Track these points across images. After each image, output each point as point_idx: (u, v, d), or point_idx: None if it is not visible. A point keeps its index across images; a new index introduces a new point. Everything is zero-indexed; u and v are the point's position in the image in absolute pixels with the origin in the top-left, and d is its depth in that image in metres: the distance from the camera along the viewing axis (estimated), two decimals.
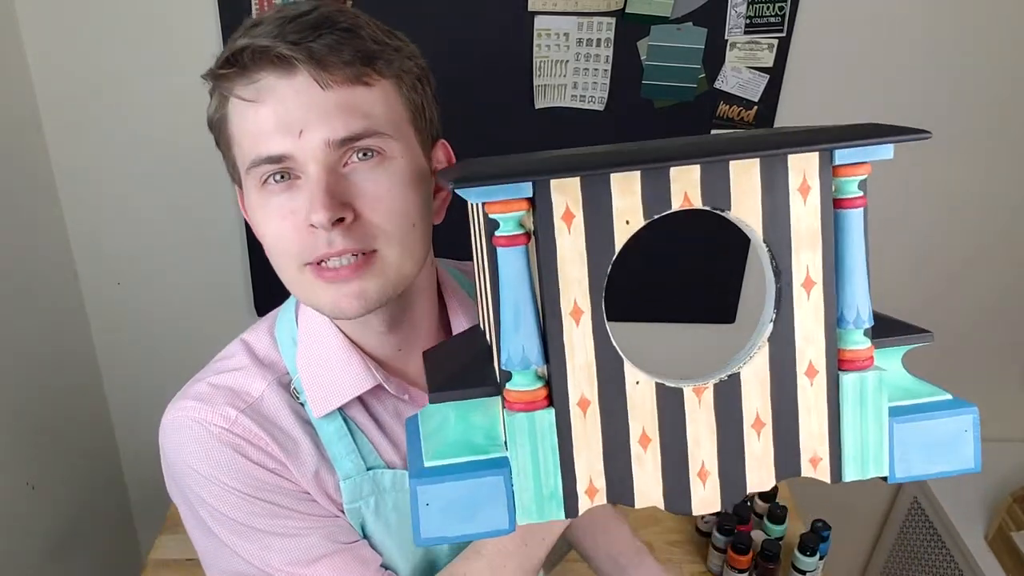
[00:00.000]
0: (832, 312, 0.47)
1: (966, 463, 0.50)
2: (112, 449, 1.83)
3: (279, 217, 0.64)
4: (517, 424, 0.46)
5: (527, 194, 0.43)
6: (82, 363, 1.72)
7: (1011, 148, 1.62)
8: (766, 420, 0.48)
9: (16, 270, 1.47)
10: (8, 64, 1.44)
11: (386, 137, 0.64)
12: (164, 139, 1.55)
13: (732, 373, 0.47)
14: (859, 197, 0.46)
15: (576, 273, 0.45)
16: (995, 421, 1.90)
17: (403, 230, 0.65)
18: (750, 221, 0.46)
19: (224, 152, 0.69)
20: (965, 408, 0.50)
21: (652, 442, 0.47)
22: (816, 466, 0.49)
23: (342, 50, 0.61)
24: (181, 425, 0.71)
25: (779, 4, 1.46)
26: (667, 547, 1.57)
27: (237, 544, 0.71)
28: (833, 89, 1.55)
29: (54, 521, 1.58)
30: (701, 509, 0.49)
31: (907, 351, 0.52)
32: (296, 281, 0.67)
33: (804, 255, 0.46)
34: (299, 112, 0.61)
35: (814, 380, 0.48)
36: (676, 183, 0.44)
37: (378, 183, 0.64)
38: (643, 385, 0.47)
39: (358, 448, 0.74)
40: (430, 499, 0.46)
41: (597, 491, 0.47)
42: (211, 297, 1.69)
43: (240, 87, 0.62)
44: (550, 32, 1.46)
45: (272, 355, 0.76)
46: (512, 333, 0.45)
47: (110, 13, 1.45)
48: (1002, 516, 1.64)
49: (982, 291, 1.77)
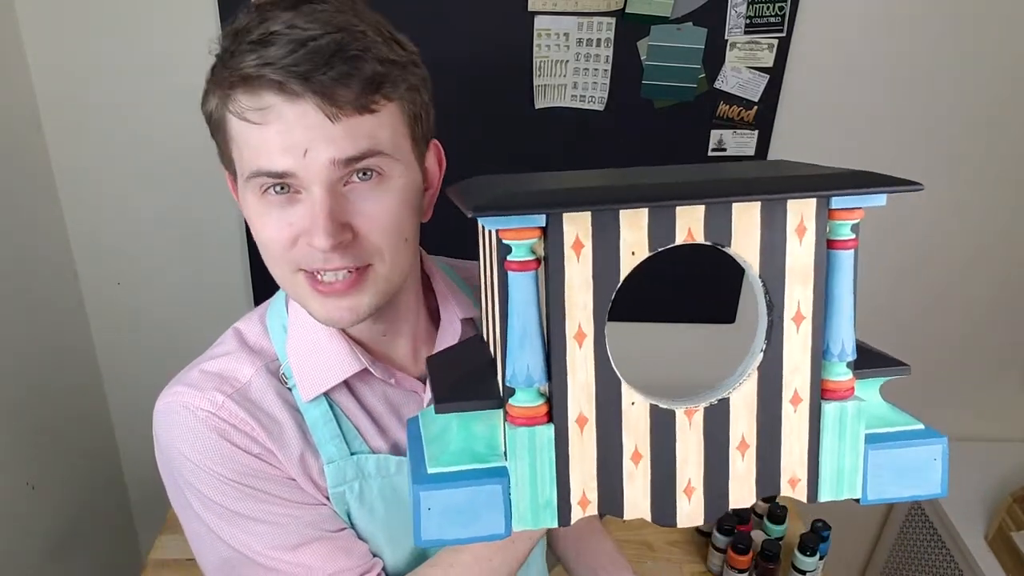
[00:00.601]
0: (819, 345, 0.51)
1: (934, 488, 0.54)
2: (112, 449, 1.83)
3: (277, 227, 0.66)
4: (518, 438, 0.48)
5: (540, 223, 0.45)
6: (82, 363, 1.72)
7: (1012, 147, 1.63)
8: (751, 442, 0.51)
9: (16, 270, 1.48)
10: (8, 64, 1.44)
11: (387, 158, 0.65)
12: (164, 139, 1.55)
13: (722, 397, 0.50)
14: (851, 239, 0.49)
15: (582, 299, 0.47)
16: (995, 421, 1.92)
17: (396, 247, 0.68)
18: (748, 257, 0.48)
19: (220, 145, 0.69)
20: (935, 438, 0.53)
21: (643, 458, 0.50)
22: (795, 486, 0.53)
23: (350, 83, 0.61)
24: (171, 410, 0.73)
25: (779, 4, 1.46)
26: (667, 547, 1.59)
27: (221, 528, 0.73)
28: (833, 89, 1.56)
29: (54, 521, 1.59)
30: (686, 522, 0.52)
31: (884, 381, 0.55)
32: (289, 283, 0.70)
33: (796, 291, 0.49)
34: (304, 134, 0.61)
35: (798, 407, 0.51)
36: (681, 219, 0.47)
37: (377, 203, 0.66)
38: (638, 405, 0.49)
39: (342, 433, 0.76)
40: (432, 504, 0.49)
41: (589, 503, 0.50)
42: (211, 297, 1.69)
43: (246, 109, 0.62)
44: (550, 32, 1.46)
45: (262, 342, 0.78)
46: (518, 352, 0.47)
47: (110, 13, 1.45)
48: (1002, 516, 1.64)
49: (982, 291, 1.78)
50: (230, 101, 0.63)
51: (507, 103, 1.52)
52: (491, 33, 1.46)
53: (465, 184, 0.54)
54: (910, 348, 1.83)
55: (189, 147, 1.53)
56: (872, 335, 0.57)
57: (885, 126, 1.60)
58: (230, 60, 0.62)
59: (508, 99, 1.51)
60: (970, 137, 1.61)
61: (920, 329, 1.81)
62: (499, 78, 1.50)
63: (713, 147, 1.58)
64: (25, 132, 1.49)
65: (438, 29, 1.45)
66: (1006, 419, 1.93)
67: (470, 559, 0.72)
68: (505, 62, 1.48)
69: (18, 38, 1.45)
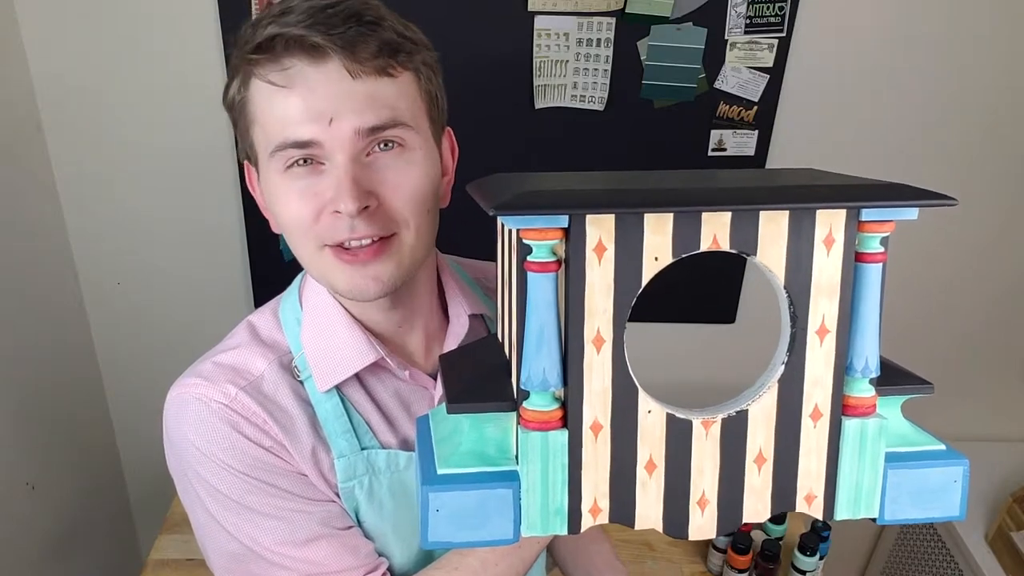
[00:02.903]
0: (842, 360, 0.49)
1: (952, 511, 0.53)
2: (112, 449, 1.82)
3: (302, 200, 0.66)
4: (531, 442, 0.47)
5: (563, 224, 0.44)
6: (82, 363, 1.71)
7: (1013, 146, 1.63)
8: (768, 456, 0.50)
9: (16, 270, 1.47)
10: (8, 64, 1.44)
11: (408, 128, 0.67)
12: (164, 139, 1.55)
13: (741, 409, 0.49)
14: (880, 253, 0.48)
15: (602, 303, 0.46)
16: (995, 421, 1.93)
17: (420, 216, 0.69)
18: (773, 267, 0.47)
19: (241, 133, 0.70)
20: (957, 459, 0.52)
21: (657, 468, 0.49)
22: (811, 503, 0.51)
23: (369, 42, 0.63)
24: (183, 401, 0.72)
25: (779, 4, 1.47)
26: (667, 547, 1.59)
27: (229, 521, 0.72)
28: (833, 89, 1.56)
29: (54, 521, 1.58)
30: (697, 535, 0.51)
31: (907, 399, 0.54)
32: (314, 260, 0.69)
33: (822, 304, 0.48)
34: (329, 100, 0.63)
35: (818, 422, 0.50)
36: (707, 225, 0.46)
37: (399, 172, 0.67)
38: (655, 414, 0.48)
39: (353, 428, 0.76)
40: (440, 505, 0.48)
41: (600, 511, 0.49)
42: (211, 297, 1.69)
43: (270, 71, 0.64)
44: (550, 32, 1.46)
45: (275, 335, 0.78)
46: (534, 355, 0.46)
47: (110, 13, 1.45)
48: (1002, 516, 1.64)
49: (983, 291, 1.78)
50: (254, 69, 0.65)
51: (507, 103, 1.52)
52: (491, 33, 1.46)
53: (484, 181, 0.53)
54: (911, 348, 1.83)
55: (189, 147, 1.54)
56: None
57: (885, 126, 1.60)
58: (252, 37, 0.64)
59: (508, 99, 1.51)
60: (970, 137, 1.61)
61: (920, 329, 1.81)
62: (499, 78, 1.50)
63: (713, 147, 1.58)
64: (25, 132, 1.49)
65: (438, 29, 1.43)
66: (1006, 419, 1.94)
67: (476, 563, 0.71)
68: (505, 62, 1.48)
69: (18, 38, 1.45)
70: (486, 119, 1.52)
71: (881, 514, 0.52)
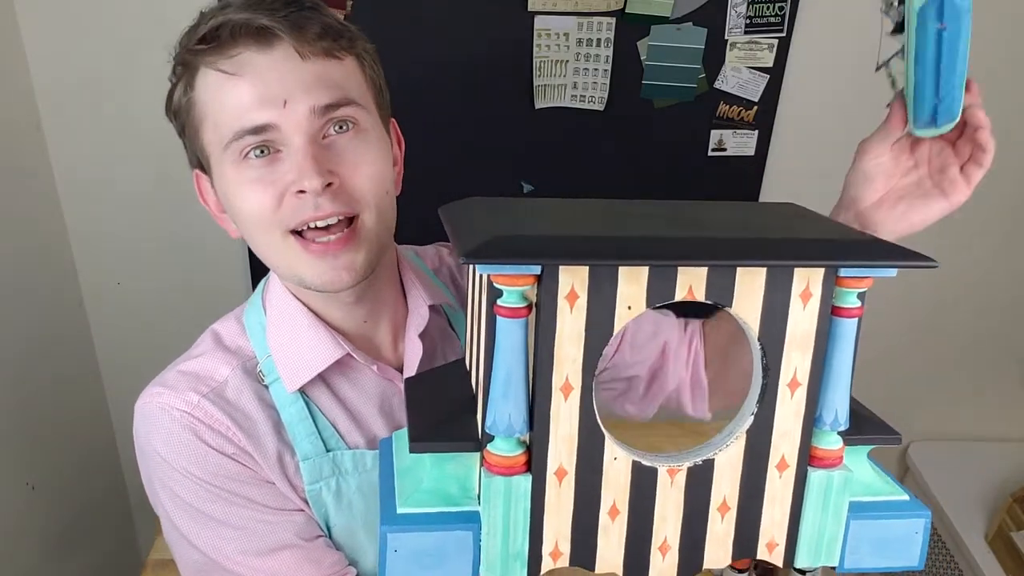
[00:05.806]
0: (811, 412, 0.49)
1: (911, 561, 0.53)
2: (112, 449, 1.81)
3: (261, 188, 0.66)
4: (494, 486, 0.46)
5: (535, 271, 0.43)
6: (82, 363, 1.70)
7: (1013, 146, 1.63)
8: (732, 505, 0.50)
9: (16, 269, 1.46)
10: (8, 64, 1.42)
11: (359, 108, 0.68)
12: (164, 139, 1.49)
13: (707, 458, 0.49)
14: (857, 308, 0.47)
15: (572, 351, 0.45)
16: (995, 421, 1.93)
17: (379, 196, 0.69)
18: (748, 319, 0.46)
19: (190, 138, 0.70)
20: (919, 511, 0.52)
21: (620, 514, 0.49)
22: (772, 550, 0.51)
23: (312, 24, 0.64)
24: (147, 411, 0.72)
25: (779, 4, 1.46)
26: None
27: (192, 530, 0.72)
28: (833, 89, 1.55)
29: (54, 521, 1.58)
30: None
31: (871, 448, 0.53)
32: (280, 253, 0.69)
33: (794, 357, 0.47)
34: (281, 84, 0.63)
35: (783, 473, 0.50)
36: (683, 277, 0.45)
37: (356, 151, 0.68)
38: (620, 461, 0.48)
39: (318, 431, 0.75)
40: (399, 546, 0.47)
41: (561, 554, 0.49)
42: (211, 297, 1.66)
43: (219, 60, 0.64)
44: (550, 32, 1.45)
45: (239, 341, 0.77)
46: (501, 400, 0.45)
47: (110, 13, 1.43)
48: (1002, 516, 1.64)
49: (983, 291, 1.78)
50: (201, 60, 0.65)
51: (507, 103, 1.50)
52: (491, 33, 1.45)
53: (456, 210, 0.51)
54: (911, 348, 1.85)
55: None
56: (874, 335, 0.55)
57: None
58: (195, 32, 0.65)
59: (508, 99, 1.50)
60: None
61: (921, 329, 1.81)
62: (499, 78, 1.48)
63: (713, 147, 1.58)
64: (25, 132, 1.48)
65: (438, 29, 1.43)
66: (1006, 419, 1.94)
67: None
68: (505, 62, 1.47)
69: (18, 38, 1.44)
70: (486, 119, 1.50)
71: (841, 563, 0.52)
